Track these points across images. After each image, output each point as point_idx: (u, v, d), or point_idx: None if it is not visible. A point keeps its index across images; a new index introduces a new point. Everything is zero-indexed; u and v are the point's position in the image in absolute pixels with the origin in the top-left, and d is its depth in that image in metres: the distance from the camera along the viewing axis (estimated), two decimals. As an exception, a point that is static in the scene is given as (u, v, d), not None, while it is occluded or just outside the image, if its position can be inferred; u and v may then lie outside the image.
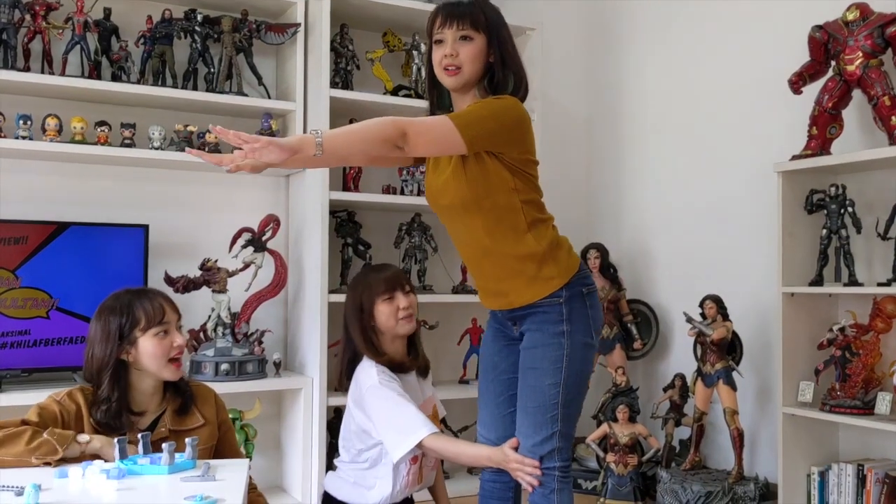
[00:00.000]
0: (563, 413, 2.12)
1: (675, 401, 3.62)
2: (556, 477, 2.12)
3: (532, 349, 2.15)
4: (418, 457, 2.47)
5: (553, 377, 2.11)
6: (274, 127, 3.54)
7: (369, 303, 2.52)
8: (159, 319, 1.98)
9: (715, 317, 3.34)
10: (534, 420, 2.13)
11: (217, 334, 3.37)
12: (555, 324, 2.13)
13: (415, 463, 2.48)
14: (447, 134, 1.97)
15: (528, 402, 2.14)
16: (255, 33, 3.52)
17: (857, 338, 2.95)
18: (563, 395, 2.11)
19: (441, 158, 2.17)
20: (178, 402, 2.05)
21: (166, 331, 1.99)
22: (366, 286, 2.56)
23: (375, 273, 2.61)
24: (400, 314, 2.51)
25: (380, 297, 2.52)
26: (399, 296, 2.53)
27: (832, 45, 2.98)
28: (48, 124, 3.14)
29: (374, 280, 2.56)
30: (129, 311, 1.97)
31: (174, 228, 3.52)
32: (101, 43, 3.28)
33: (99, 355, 1.96)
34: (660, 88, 4.01)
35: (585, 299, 2.16)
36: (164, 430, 2.00)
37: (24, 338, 3.07)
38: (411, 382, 2.56)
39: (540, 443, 2.12)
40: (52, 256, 3.11)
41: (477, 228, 2.14)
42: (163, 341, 1.98)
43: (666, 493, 3.32)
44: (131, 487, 1.63)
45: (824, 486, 3.03)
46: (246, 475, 1.77)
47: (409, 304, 2.53)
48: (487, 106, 2.05)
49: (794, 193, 3.07)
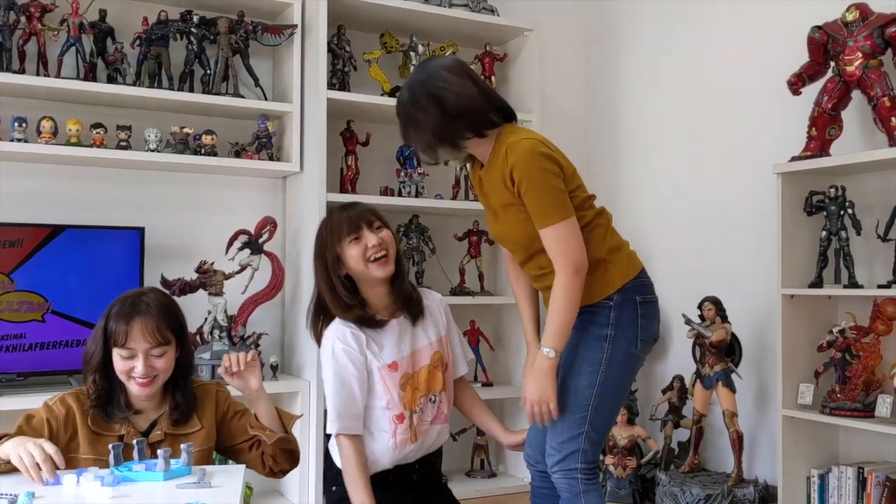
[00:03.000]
0: (592, 416, 2.11)
1: (673, 403, 3.61)
2: (580, 479, 2.10)
3: (573, 348, 2.14)
4: (404, 415, 2.22)
5: (588, 379, 2.10)
6: (271, 128, 3.52)
7: (334, 248, 2.20)
8: (123, 343, 1.91)
9: (714, 318, 3.33)
10: (562, 419, 2.12)
11: (213, 337, 3.35)
12: (600, 326, 2.12)
13: (401, 421, 2.22)
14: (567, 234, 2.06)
15: (561, 399, 2.13)
16: (251, 35, 3.50)
17: (857, 340, 2.93)
18: (595, 399, 2.10)
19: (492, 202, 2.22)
20: (178, 406, 2.01)
21: (131, 355, 1.91)
22: (329, 230, 2.23)
23: (339, 212, 2.25)
24: (369, 254, 2.17)
25: (345, 238, 2.19)
26: (366, 234, 2.19)
27: (831, 45, 2.96)
28: (43, 126, 3.12)
29: (337, 221, 2.22)
30: (112, 320, 1.93)
31: (170, 231, 3.50)
32: (96, 45, 3.26)
33: (90, 349, 1.95)
34: (658, 89, 4.00)
35: (638, 307, 2.16)
36: (160, 433, 1.98)
37: (20, 341, 3.05)
38: (394, 332, 2.25)
39: (565, 441, 2.11)
40: (47, 259, 3.09)
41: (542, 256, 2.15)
42: (127, 362, 1.91)
43: (665, 496, 3.30)
44: (126, 495, 1.61)
45: (824, 489, 3.01)
46: (242, 481, 1.75)
47: (379, 242, 2.18)
48: (532, 188, 2.06)
49: (794, 195, 3.06)
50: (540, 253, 2.15)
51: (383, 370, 2.22)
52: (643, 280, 2.21)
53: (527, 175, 2.05)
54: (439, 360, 2.30)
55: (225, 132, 3.52)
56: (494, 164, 2.15)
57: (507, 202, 2.15)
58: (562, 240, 2.05)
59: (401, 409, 2.22)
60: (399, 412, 2.22)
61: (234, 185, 3.66)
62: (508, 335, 4.10)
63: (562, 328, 2.06)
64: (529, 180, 2.05)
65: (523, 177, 2.05)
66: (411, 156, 3.80)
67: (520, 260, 2.26)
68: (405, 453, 2.25)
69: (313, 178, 3.44)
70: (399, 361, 2.24)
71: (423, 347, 2.29)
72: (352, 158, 3.69)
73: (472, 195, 3.93)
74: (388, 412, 2.21)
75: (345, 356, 2.19)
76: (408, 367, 2.25)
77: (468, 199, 3.92)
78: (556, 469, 2.13)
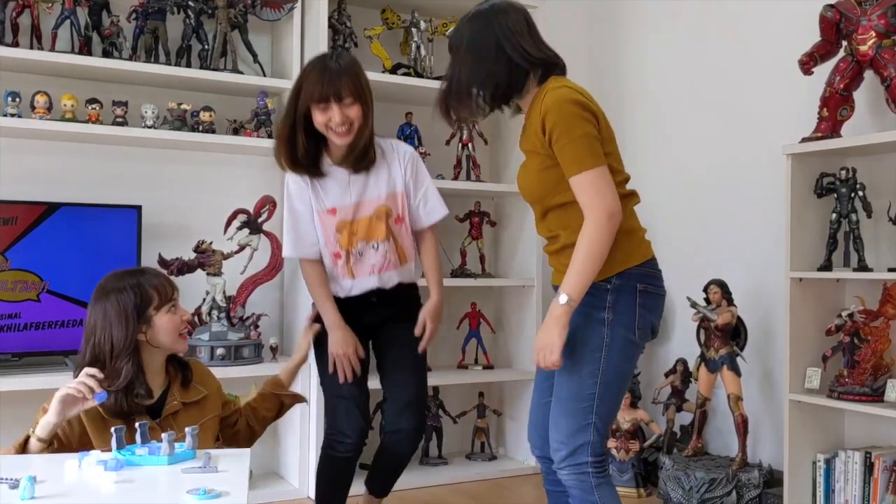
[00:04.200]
0: (598, 406, 1.99)
1: (676, 386, 3.58)
2: (591, 473, 2.00)
3: (572, 333, 2.00)
4: (340, 254, 2.43)
5: (590, 366, 1.99)
6: (270, 105, 3.45)
7: (306, 104, 2.31)
8: (170, 296, 2.02)
9: (720, 302, 3.30)
10: (566, 409, 2.01)
11: (212, 318, 3.30)
12: (598, 310, 2.00)
13: (337, 258, 2.44)
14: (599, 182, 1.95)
15: (562, 389, 2.04)
16: (250, 9, 3.43)
17: (866, 324, 2.90)
18: (600, 387, 1.99)
19: (523, 148, 2.13)
20: (181, 376, 2.09)
21: (175, 306, 2.03)
22: (306, 87, 2.31)
23: (318, 74, 2.30)
24: (332, 124, 2.30)
25: (314, 102, 2.29)
26: (333, 108, 2.28)
27: (844, 24, 2.91)
28: (37, 101, 3.06)
29: (312, 83, 2.29)
30: (141, 290, 1.98)
31: (168, 209, 3.44)
32: (91, 18, 3.19)
33: (119, 336, 1.93)
34: (665, 68, 3.94)
35: (638, 296, 2.03)
36: (175, 402, 2.02)
37: (15, 321, 2.99)
38: (340, 181, 2.42)
39: (573, 433, 2.00)
40: (42, 238, 3.03)
41: (555, 215, 2.08)
42: (174, 316, 2.02)
43: (669, 479, 3.28)
44: (130, 479, 1.56)
45: (830, 474, 2.99)
46: (247, 466, 1.71)
47: (342, 120, 2.29)
48: (565, 133, 1.96)
49: (804, 176, 3.01)
50: (553, 211, 2.07)
51: (322, 213, 2.43)
52: (649, 270, 2.09)
53: (561, 120, 1.96)
54: (384, 213, 2.45)
55: (223, 109, 3.46)
56: (533, 110, 2.05)
57: (531, 149, 2.07)
58: (593, 186, 1.94)
59: (336, 248, 2.43)
60: (335, 251, 2.44)
61: (233, 164, 3.60)
62: (509, 318, 4.06)
63: (583, 276, 1.92)
64: (563, 125, 1.96)
65: (557, 122, 1.96)
66: (412, 134, 3.74)
67: (536, 218, 2.19)
68: (347, 285, 2.46)
69: (313, 157, 3.38)
70: (340, 208, 2.43)
71: (371, 199, 2.45)
72: (352, 136, 3.62)
73: (474, 175, 3.87)
74: (327, 249, 2.45)
75: (297, 198, 2.45)
76: (347, 215, 2.43)
77: (469, 180, 3.86)
78: (565, 465, 2.02)
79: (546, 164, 2.03)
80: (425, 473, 3.68)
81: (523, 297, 3.93)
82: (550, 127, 1.97)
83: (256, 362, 3.31)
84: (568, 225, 2.05)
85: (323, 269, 2.49)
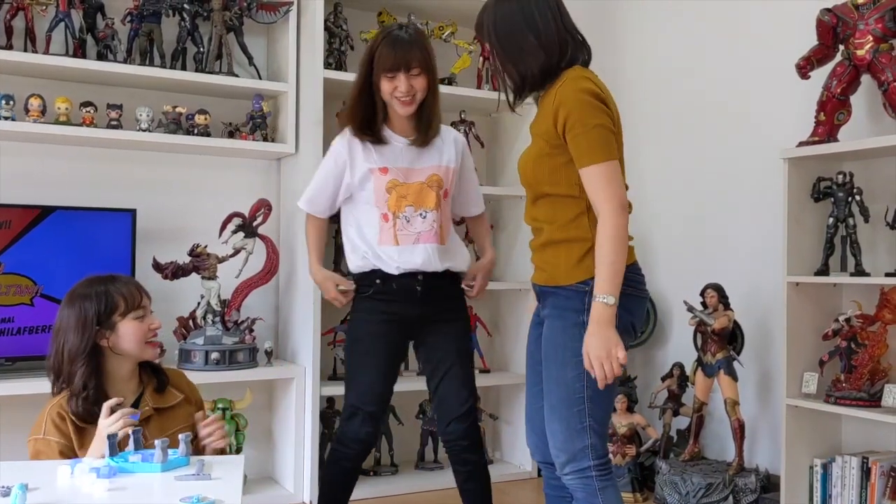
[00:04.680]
0: (590, 407, 1.96)
1: (673, 390, 3.57)
2: (595, 476, 1.98)
3: (551, 338, 2.00)
4: (388, 216, 2.47)
5: (575, 370, 1.95)
6: (265, 109, 3.44)
7: (376, 73, 2.41)
8: (138, 303, 2.02)
9: (716, 306, 3.29)
10: (559, 415, 1.99)
11: (207, 322, 3.28)
12: (576, 312, 1.97)
13: (385, 221, 2.48)
14: (610, 176, 1.93)
15: (551, 396, 2.01)
16: (245, 12, 3.42)
17: (863, 328, 2.89)
18: (588, 389, 1.95)
19: (531, 130, 2.10)
20: (155, 382, 2.07)
21: (143, 314, 2.03)
22: (378, 55, 2.40)
23: (390, 44, 2.39)
24: (397, 94, 2.41)
25: (384, 71, 2.39)
26: (401, 77, 2.39)
27: (841, 28, 2.90)
28: (31, 104, 3.04)
29: (383, 54, 2.39)
30: (107, 297, 1.98)
31: (162, 213, 3.42)
32: (86, 20, 3.18)
33: (74, 341, 1.95)
34: (662, 72, 3.93)
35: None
36: (147, 408, 2.00)
37: (8, 325, 2.98)
38: (395, 147, 2.50)
39: (569, 438, 1.97)
40: (36, 242, 3.02)
41: (544, 205, 2.06)
42: (141, 324, 2.01)
43: (665, 484, 3.27)
44: (123, 487, 1.55)
45: (827, 479, 2.98)
46: (241, 473, 1.69)
47: (408, 90, 2.40)
48: (578, 122, 1.92)
49: (801, 181, 3.00)
50: (542, 199, 2.05)
51: (374, 171, 2.48)
52: (629, 274, 1.99)
53: (576, 110, 1.92)
54: (436, 182, 2.51)
55: (218, 112, 3.44)
56: (548, 95, 2.02)
57: (537, 132, 2.05)
58: (606, 178, 1.91)
59: (385, 210, 2.48)
60: (384, 212, 2.48)
61: (228, 167, 3.59)
62: (506, 321, 4.05)
63: (616, 273, 1.90)
64: (579, 115, 1.92)
65: (572, 112, 1.93)
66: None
67: (526, 204, 2.16)
68: (393, 255, 2.47)
69: (309, 160, 3.37)
70: (391, 169, 2.48)
71: (424, 168, 2.52)
72: (348, 140, 3.61)
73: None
74: (376, 209, 2.48)
75: (333, 158, 2.53)
76: (398, 176, 2.48)
77: (466, 183, 3.84)
78: (568, 470, 1.99)
79: (545, 151, 2.01)
80: (422, 478, 3.67)
81: (520, 300, 3.92)
82: (565, 116, 1.93)
83: (251, 367, 3.29)
84: (554, 219, 2.03)
85: (322, 224, 2.65)
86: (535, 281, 2.14)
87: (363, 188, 2.50)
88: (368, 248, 2.50)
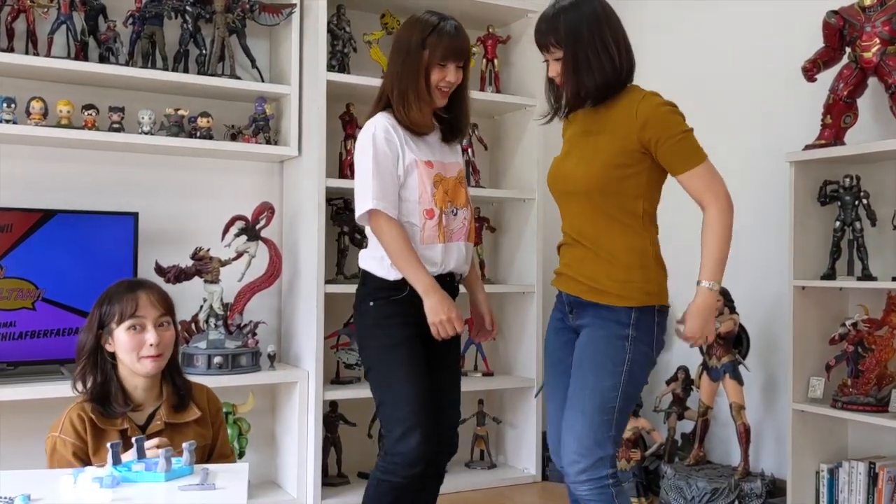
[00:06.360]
0: (618, 419, 2.02)
1: (677, 394, 3.55)
2: (610, 484, 2.01)
3: (592, 346, 2.03)
4: (434, 211, 2.29)
5: (613, 379, 2.01)
6: (268, 111, 3.42)
7: (432, 63, 2.27)
8: (131, 313, 1.94)
9: (722, 310, 3.26)
10: (590, 421, 2.01)
11: (209, 326, 3.26)
12: (621, 326, 2.03)
13: (430, 217, 2.29)
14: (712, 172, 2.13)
15: (585, 402, 2.02)
16: (248, 14, 3.40)
17: (870, 333, 2.88)
18: (620, 401, 2.01)
19: (574, 143, 2.17)
20: (176, 397, 2.02)
21: (141, 326, 1.94)
22: (432, 42, 2.27)
23: (442, 34, 2.28)
24: (442, 84, 2.29)
25: (435, 60, 2.26)
26: (451, 68, 2.29)
27: (848, 31, 2.88)
28: (33, 107, 3.03)
29: (438, 43, 2.26)
30: (111, 301, 1.97)
31: (165, 216, 3.40)
32: (87, 23, 3.16)
33: (83, 339, 1.98)
34: (666, 74, 3.90)
35: (656, 315, 2.08)
36: (159, 422, 1.96)
37: (10, 330, 2.96)
38: (430, 141, 2.37)
39: (593, 445, 2.00)
40: (38, 245, 3.00)
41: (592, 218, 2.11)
42: (135, 336, 1.94)
43: (670, 489, 3.25)
44: (126, 497, 1.53)
45: (834, 484, 2.96)
46: (246, 482, 1.67)
47: (455, 80, 2.30)
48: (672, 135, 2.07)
49: (807, 184, 2.99)
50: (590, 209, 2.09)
51: (420, 164, 2.30)
52: (659, 319, 2.12)
53: (662, 125, 2.05)
54: (463, 178, 2.43)
55: (221, 115, 3.43)
56: (617, 111, 2.10)
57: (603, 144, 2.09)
58: (710, 175, 2.08)
59: (432, 205, 2.29)
60: (430, 207, 2.29)
61: (231, 170, 3.57)
62: (509, 324, 4.03)
63: (722, 261, 2.07)
64: (666, 129, 2.05)
65: (658, 127, 2.05)
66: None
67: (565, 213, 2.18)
68: (433, 252, 2.29)
69: (312, 163, 3.35)
70: (434, 162, 2.34)
71: (452, 163, 2.41)
72: (351, 143, 3.58)
73: (474, 181, 3.84)
74: (419, 206, 2.29)
75: (385, 144, 2.27)
76: (441, 170, 2.35)
77: (469, 185, 3.82)
78: (585, 478, 2.00)
79: (617, 162, 2.06)
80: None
81: (523, 303, 3.90)
82: (654, 135, 2.04)
83: (254, 371, 3.28)
84: (600, 246, 2.08)
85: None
86: (570, 292, 2.15)
87: (404, 182, 2.29)
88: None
